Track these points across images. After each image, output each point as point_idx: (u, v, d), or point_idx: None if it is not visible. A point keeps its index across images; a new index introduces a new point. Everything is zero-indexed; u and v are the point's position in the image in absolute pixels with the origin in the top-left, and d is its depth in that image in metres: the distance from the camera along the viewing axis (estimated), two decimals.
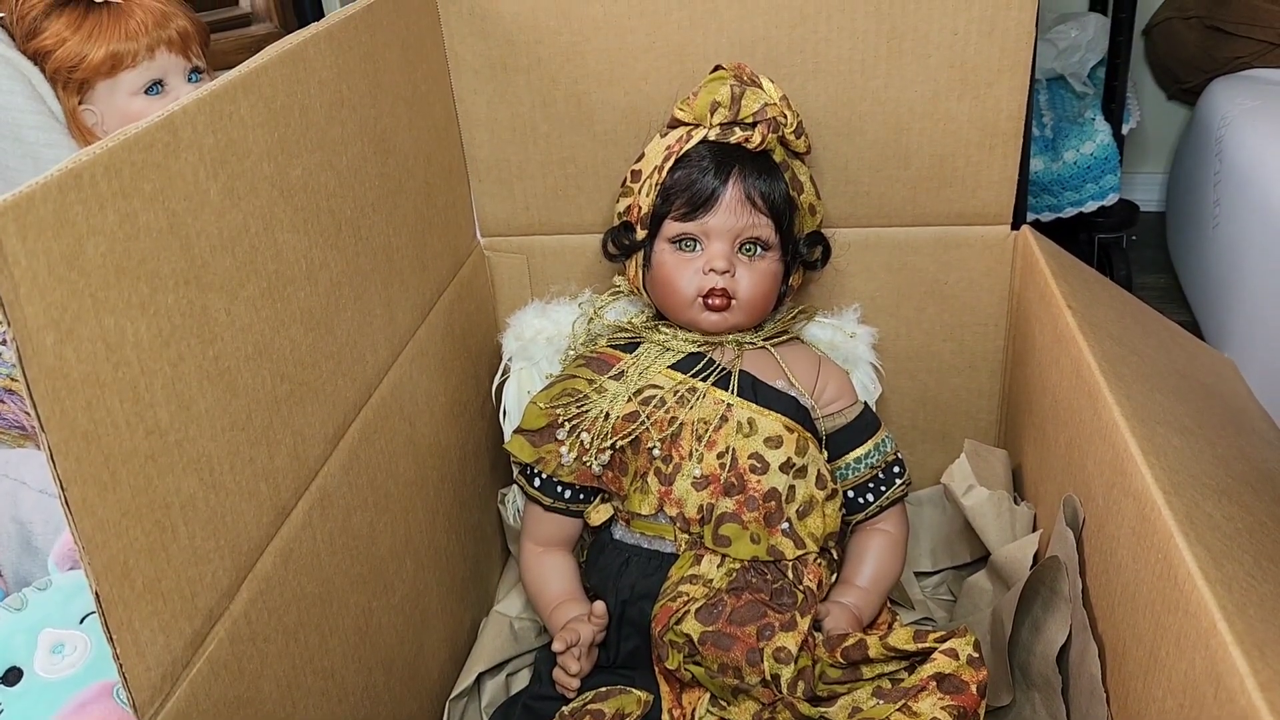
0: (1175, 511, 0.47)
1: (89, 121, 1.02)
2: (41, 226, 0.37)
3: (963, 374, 0.89)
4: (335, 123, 0.61)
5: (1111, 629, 0.55)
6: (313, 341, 0.58)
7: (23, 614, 0.64)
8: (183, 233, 0.46)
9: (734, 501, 0.71)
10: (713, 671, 0.65)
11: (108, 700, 0.60)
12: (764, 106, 0.72)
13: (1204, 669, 0.42)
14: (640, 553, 0.74)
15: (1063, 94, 1.74)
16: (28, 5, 0.99)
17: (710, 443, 0.72)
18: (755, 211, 0.72)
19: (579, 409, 0.75)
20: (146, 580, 0.43)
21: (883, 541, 0.77)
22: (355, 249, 0.64)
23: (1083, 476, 0.62)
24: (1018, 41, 0.76)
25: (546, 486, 0.77)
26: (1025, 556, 0.69)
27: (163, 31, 1.02)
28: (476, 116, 0.85)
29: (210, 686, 0.48)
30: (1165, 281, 1.80)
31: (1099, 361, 0.61)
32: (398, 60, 0.72)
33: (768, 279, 0.74)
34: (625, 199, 0.77)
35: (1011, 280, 0.84)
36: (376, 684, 0.66)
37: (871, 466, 0.77)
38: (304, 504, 0.57)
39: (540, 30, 0.81)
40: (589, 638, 0.70)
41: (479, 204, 0.89)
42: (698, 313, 0.74)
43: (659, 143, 0.76)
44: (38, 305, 0.37)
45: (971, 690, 0.60)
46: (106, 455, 0.41)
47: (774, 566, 0.71)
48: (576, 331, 0.83)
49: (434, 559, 0.76)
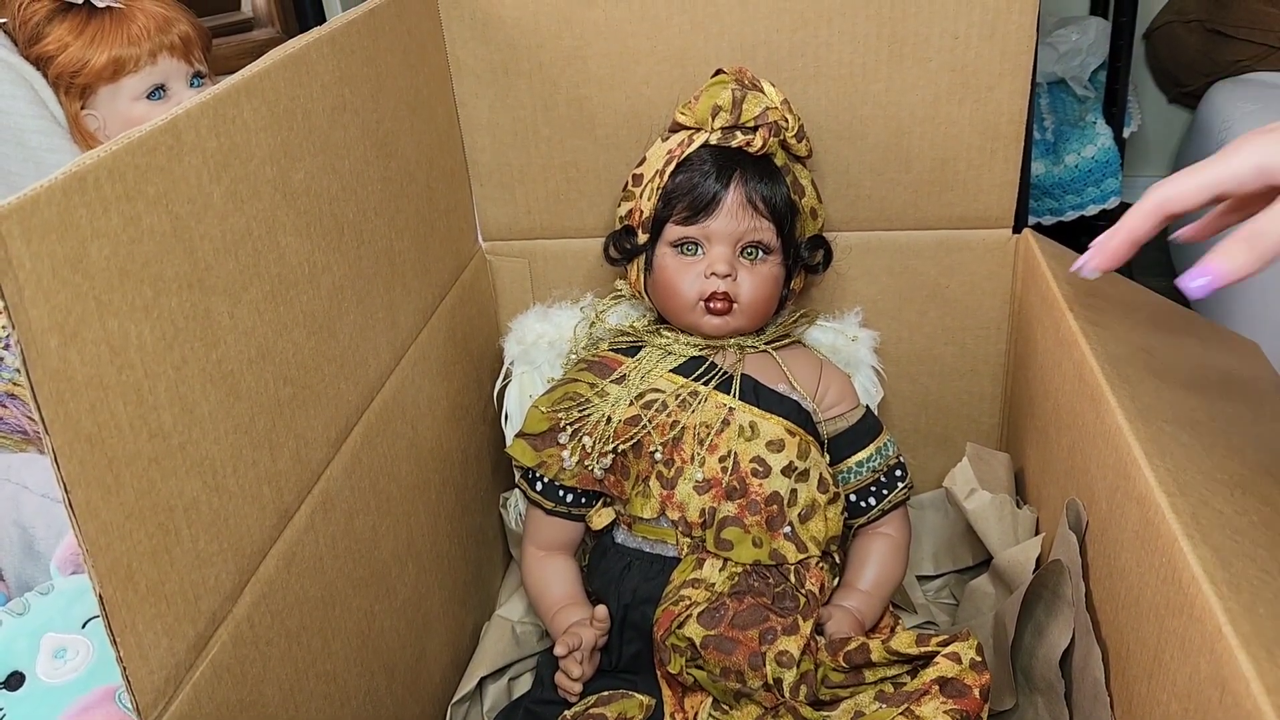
0: (1180, 513, 0.47)
1: (91, 126, 1.02)
2: (46, 229, 0.37)
3: (964, 377, 0.89)
4: (338, 127, 0.61)
5: (1115, 633, 0.55)
6: (315, 345, 0.58)
7: (25, 618, 0.64)
8: (186, 236, 0.46)
9: (736, 505, 0.71)
10: (715, 675, 0.65)
11: (110, 705, 0.60)
12: (765, 110, 0.72)
13: (1209, 673, 0.41)
14: (642, 557, 0.74)
15: (1064, 98, 1.74)
16: (30, 10, 0.99)
17: (712, 446, 0.72)
18: (757, 215, 0.72)
19: (581, 413, 0.75)
20: (150, 583, 0.43)
21: (885, 545, 0.77)
22: (358, 253, 0.64)
23: (1085, 480, 0.62)
24: (1018, 45, 0.77)
25: (548, 490, 0.77)
26: (1028, 560, 0.69)
27: (165, 37, 1.02)
28: (478, 121, 0.85)
29: (213, 689, 0.47)
30: (1167, 284, 1.80)
31: (1101, 364, 0.61)
32: (400, 64, 0.72)
33: (769, 283, 0.74)
34: (626, 203, 0.77)
35: (1013, 284, 0.84)
36: (379, 688, 0.66)
37: (873, 470, 0.77)
38: (306, 507, 0.57)
39: (542, 35, 0.81)
40: (591, 642, 0.70)
41: (481, 208, 0.89)
42: (699, 316, 0.74)
43: (660, 147, 0.76)
44: (42, 308, 0.37)
45: (974, 694, 0.60)
46: (110, 458, 0.41)
47: (776, 570, 0.71)
48: (578, 335, 0.83)
49: (436, 563, 0.76)
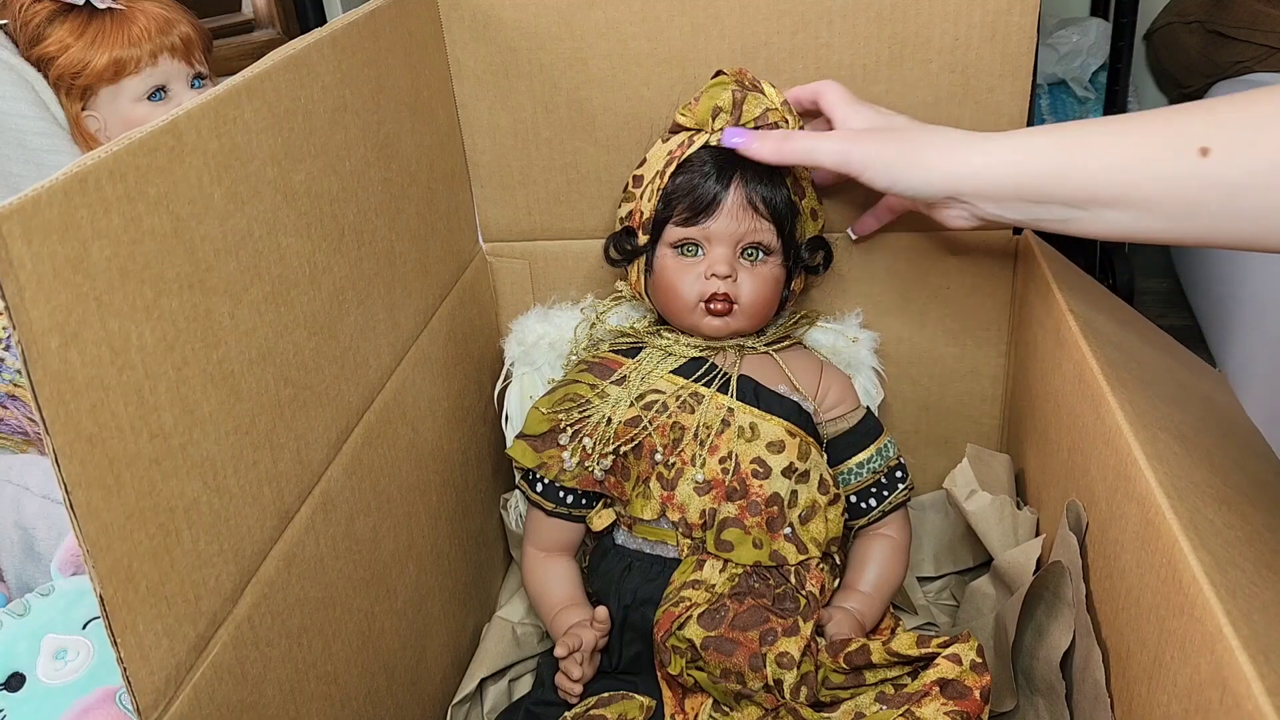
0: (1179, 516, 0.47)
1: (92, 128, 1.02)
2: (47, 230, 0.38)
3: (965, 379, 0.89)
4: (338, 128, 0.62)
5: (1115, 634, 0.55)
6: (316, 346, 0.58)
7: (25, 620, 0.64)
8: (187, 237, 0.46)
9: (736, 506, 0.71)
10: (715, 677, 0.65)
11: (110, 706, 0.60)
12: (766, 111, 0.72)
13: (1209, 673, 0.41)
14: (642, 558, 0.74)
15: (1064, 99, 1.74)
16: (31, 12, 1.00)
17: (712, 448, 0.72)
18: (757, 216, 0.72)
19: (581, 414, 0.75)
20: (150, 583, 0.43)
21: (885, 546, 0.77)
22: (358, 254, 0.64)
23: (1086, 481, 0.62)
24: (1018, 46, 0.77)
25: (549, 492, 0.77)
26: (1028, 561, 0.69)
27: (165, 38, 1.02)
28: (479, 122, 0.85)
29: (214, 690, 0.47)
30: (1167, 285, 1.80)
31: (1102, 366, 0.61)
32: (400, 66, 0.72)
33: (769, 284, 0.74)
34: (627, 204, 0.77)
35: (1014, 285, 0.84)
36: (379, 689, 0.66)
37: (874, 471, 0.77)
38: (307, 508, 0.57)
39: (542, 36, 0.81)
40: (591, 643, 0.70)
41: (481, 209, 0.89)
42: (699, 318, 0.74)
43: (661, 148, 0.76)
44: (43, 308, 0.37)
45: (975, 695, 0.60)
46: (111, 458, 0.41)
47: (776, 571, 0.71)
48: (578, 337, 0.83)
49: (436, 564, 0.76)
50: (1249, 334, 1.38)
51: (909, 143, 0.65)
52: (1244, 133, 0.51)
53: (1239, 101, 0.52)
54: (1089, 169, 0.57)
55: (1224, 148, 0.51)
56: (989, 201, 0.62)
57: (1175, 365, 0.73)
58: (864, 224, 0.82)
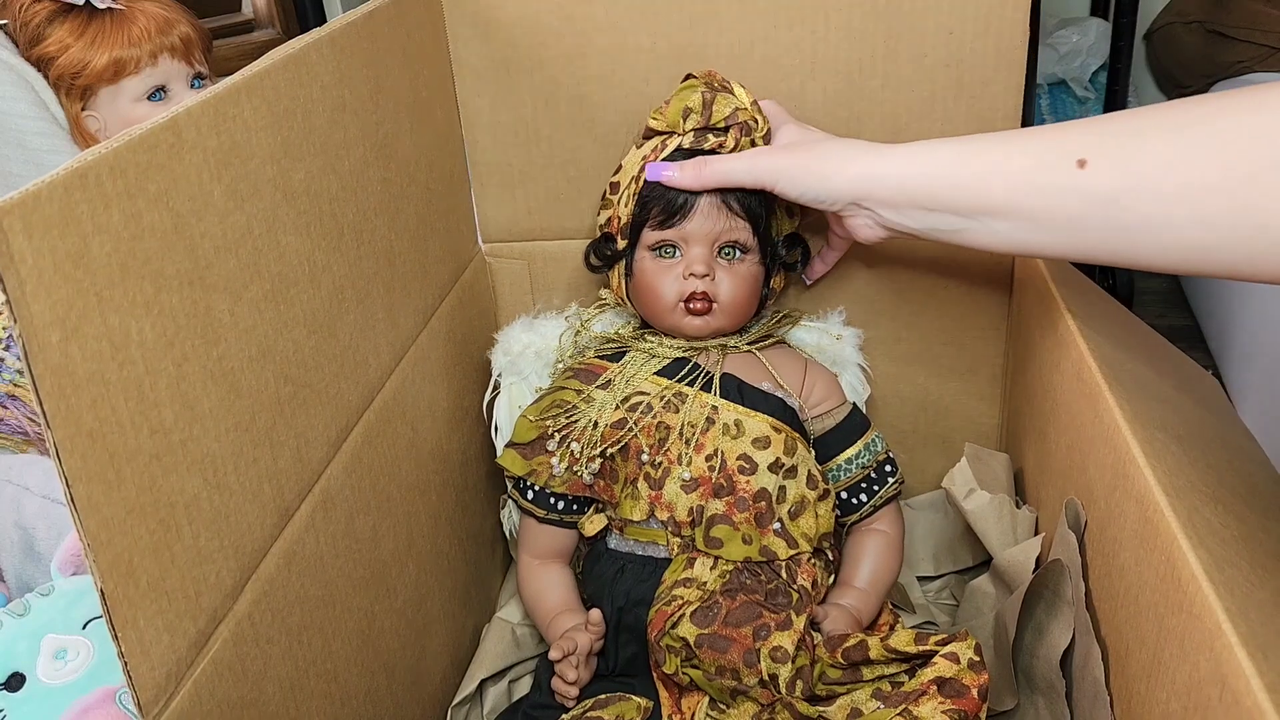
0: (1178, 514, 0.47)
1: (92, 128, 1.02)
2: (48, 225, 0.38)
3: (963, 378, 0.89)
4: (338, 127, 0.62)
5: (1115, 632, 0.55)
6: (316, 344, 0.58)
7: (25, 619, 0.64)
8: (187, 233, 0.46)
9: (724, 503, 0.71)
10: (710, 674, 0.65)
11: (110, 706, 0.60)
12: (735, 111, 0.72)
13: (1209, 671, 0.41)
14: (634, 560, 0.74)
15: (1064, 99, 1.74)
16: (31, 12, 1.00)
17: (698, 446, 0.72)
18: (732, 215, 0.73)
19: (568, 419, 0.75)
20: (151, 579, 0.43)
21: (879, 541, 0.77)
22: (357, 253, 0.64)
23: (1084, 479, 0.62)
24: (1012, 40, 0.77)
25: (539, 499, 0.77)
26: (1027, 560, 0.69)
27: (165, 38, 1.02)
28: (479, 119, 0.85)
29: (214, 687, 0.48)
30: (1167, 285, 1.80)
31: (1100, 365, 0.61)
32: (400, 65, 0.72)
33: (748, 281, 0.75)
34: (605, 211, 0.78)
35: (1012, 283, 0.85)
36: (379, 688, 0.66)
37: (863, 466, 0.77)
38: (307, 506, 0.57)
39: (543, 31, 0.81)
40: (586, 646, 0.70)
41: (481, 209, 0.89)
42: (680, 318, 0.74)
43: (635, 153, 0.76)
44: (44, 303, 0.37)
45: (973, 694, 0.60)
46: (111, 453, 0.41)
47: (767, 567, 0.71)
48: (564, 345, 0.83)
49: (436, 563, 0.76)
50: (1249, 334, 1.38)
51: (815, 153, 0.67)
52: (1122, 144, 0.51)
53: (1127, 114, 0.52)
54: (979, 178, 0.57)
55: (1102, 159, 0.51)
56: (888, 208, 0.64)
57: (1170, 368, 0.73)
58: (813, 269, 0.83)
